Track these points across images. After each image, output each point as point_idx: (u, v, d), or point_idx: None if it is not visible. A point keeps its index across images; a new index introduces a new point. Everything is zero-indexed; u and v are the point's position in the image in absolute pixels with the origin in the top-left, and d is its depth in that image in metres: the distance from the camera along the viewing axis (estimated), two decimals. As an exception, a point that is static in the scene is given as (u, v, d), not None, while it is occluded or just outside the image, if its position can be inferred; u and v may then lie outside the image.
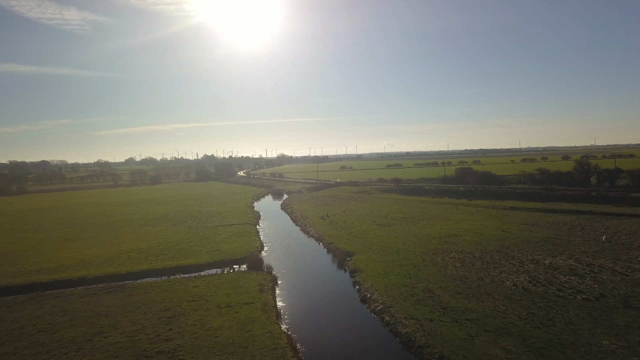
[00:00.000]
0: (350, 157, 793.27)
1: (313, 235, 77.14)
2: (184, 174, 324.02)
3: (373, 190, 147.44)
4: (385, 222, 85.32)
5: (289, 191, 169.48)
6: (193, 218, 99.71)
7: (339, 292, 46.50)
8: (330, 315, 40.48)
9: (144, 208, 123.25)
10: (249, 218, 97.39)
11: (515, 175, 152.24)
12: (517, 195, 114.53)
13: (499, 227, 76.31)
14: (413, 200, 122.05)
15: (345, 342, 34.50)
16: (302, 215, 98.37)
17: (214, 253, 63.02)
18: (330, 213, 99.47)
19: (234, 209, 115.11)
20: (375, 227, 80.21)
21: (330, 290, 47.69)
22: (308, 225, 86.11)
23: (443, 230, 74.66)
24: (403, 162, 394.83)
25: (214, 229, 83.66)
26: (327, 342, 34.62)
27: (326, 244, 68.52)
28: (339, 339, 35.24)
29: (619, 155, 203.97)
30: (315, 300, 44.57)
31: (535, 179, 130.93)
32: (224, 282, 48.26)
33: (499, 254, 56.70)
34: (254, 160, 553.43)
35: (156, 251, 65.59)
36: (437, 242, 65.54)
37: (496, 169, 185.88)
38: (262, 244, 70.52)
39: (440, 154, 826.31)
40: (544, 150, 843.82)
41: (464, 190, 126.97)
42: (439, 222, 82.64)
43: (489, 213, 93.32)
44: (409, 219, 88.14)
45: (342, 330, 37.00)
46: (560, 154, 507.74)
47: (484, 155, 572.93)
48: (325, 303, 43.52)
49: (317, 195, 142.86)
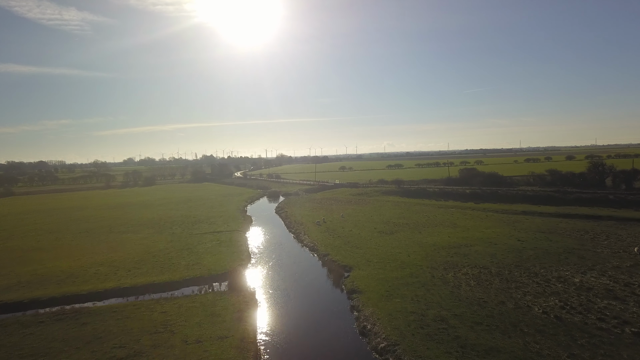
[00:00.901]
0: (350, 157, 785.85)
1: (307, 244, 69.68)
2: (179, 174, 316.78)
3: (373, 193, 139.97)
4: (386, 228, 77.89)
5: (285, 193, 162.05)
6: (179, 224, 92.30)
7: (333, 322, 38.93)
8: (322, 355, 32.98)
9: (130, 212, 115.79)
10: (239, 224, 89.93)
11: (524, 176, 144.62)
12: (527, 198, 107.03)
13: (512, 235, 68.87)
14: (416, 203, 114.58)
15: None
16: (297, 221, 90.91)
17: (194, 267, 55.54)
18: (327, 218, 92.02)
19: (225, 213, 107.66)
20: (376, 234, 72.78)
21: (324, 318, 40.10)
22: (302, 232, 78.65)
23: (452, 239, 67.22)
24: (404, 162, 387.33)
25: (199, 237, 76.22)
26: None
27: (321, 255, 61.04)
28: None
29: (635, 155, 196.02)
30: (305, 332, 37.03)
31: (545, 181, 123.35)
32: (197, 307, 40.81)
33: (519, 270, 49.29)
34: (252, 161, 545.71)
35: (130, 264, 58.14)
36: (446, 253, 58.11)
37: (502, 170, 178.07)
38: (249, 255, 63.05)
39: (441, 154, 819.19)
40: (545, 150, 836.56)
41: (470, 193, 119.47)
42: (446, 230, 75.19)
43: (499, 218, 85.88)
44: (412, 225, 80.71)
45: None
46: (563, 153, 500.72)
47: (485, 155, 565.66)
48: (317, 337, 35.98)
49: (315, 198, 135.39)
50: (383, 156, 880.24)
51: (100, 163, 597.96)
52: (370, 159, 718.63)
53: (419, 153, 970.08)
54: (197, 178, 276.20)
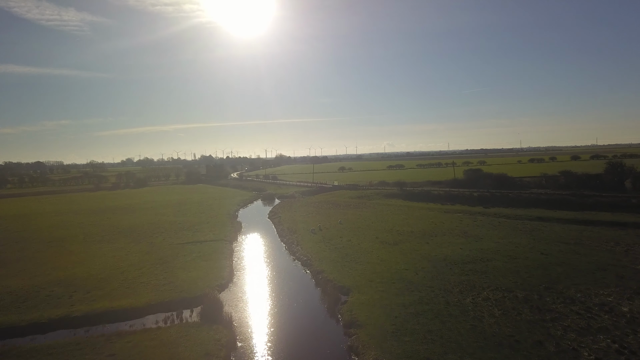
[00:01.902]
0: (350, 158, 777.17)
1: (300, 257, 61.39)
2: (174, 175, 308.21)
3: (374, 195, 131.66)
4: (389, 238, 69.65)
5: (281, 195, 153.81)
6: (161, 231, 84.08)
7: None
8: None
9: (112, 217, 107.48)
10: (226, 232, 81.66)
11: (534, 177, 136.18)
12: (541, 203, 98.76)
13: (533, 247, 60.64)
14: (420, 207, 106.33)
15: None
16: (290, 228, 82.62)
17: (164, 288, 47.23)
18: (324, 225, 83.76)
19: (214, 218, 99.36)
20: (378, 245, 64.53)
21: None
22: (295, 242, 70.37)
23: (464, 251, 58.98)
24: (404, 162, 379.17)
25: (179, 248, 67.98)
26: None
27: (315, 272, 52.74)
28: None
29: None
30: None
31: (558, 183, 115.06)
32: (157, 346, 32.60)
33: (550, 293, 41.10)
34: (250, 161, 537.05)
35: (91, 283, 49.87)
36: (460, 270, 49.90)
37: (508, 170, 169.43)
38: (231, 272, 54.77)
39: (442, 154, 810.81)
40: (547, 150, 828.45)
41: (478, 196, 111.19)
42: (456, 239, 66.94)
43: (514, 226, 77.66)
44: (418, 233, 72.46)
45: None
46: (565, 153, 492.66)
47: (487, 155, 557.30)
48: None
49: (311, 201, 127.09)
50: (383, 156, 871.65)
51: (96, 164, 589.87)
52: (370, 159, 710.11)
53: (419, 153, 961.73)
54: (191, 179, 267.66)
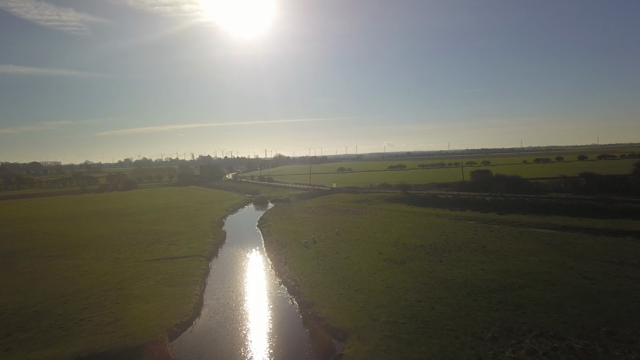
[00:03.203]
0: (350, 158, 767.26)
1: (287, 281, 50.46)
2: (167, 176, 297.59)
3: (375, 199, 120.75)
4: (395, 253, 58.74)
5: (275, 199, 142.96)
6: (132, 243, 73.30)
7: None
8: None
9: (83, 225, 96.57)
10: (206, 245, 70.76)
11: (550, 180, 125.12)
12: (563, 209, 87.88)
13: (570, 266, 49.74)
14: (427, 214, 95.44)
15: None
16: (280, 240, 71.69)
17: (105, 330, 36.27)
18: (319, 236, 72.95)
19: (195, 227, 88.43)
20: (382, 264, 53.63)
21: None
22: (284, 259, 59.42)
23: (487, 273, 48.09)
24: (406, 162, 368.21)
25: (146, 267, 57.13)
26: None
27: (303, 305, 41.77)
28: None
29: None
30: None
31: (579, 186, 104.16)
32: None
33: (616, 341, 30.28)
34: (248, 162, 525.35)
35: (19, 320, 38.98)
36: (487, 302, 39.02)
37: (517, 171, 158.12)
38: (199, 304, 43.83)
39: (443, 154, 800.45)
40: (548, 149, 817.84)
41: (492, 201, 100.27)
42: (475, 256, 56.01)
43: (539, 237, 66.81)
44: (429, 248, 61.54)
45: None
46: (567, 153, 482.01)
47: (489, 155, 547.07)
48: None
49: (307, 206, 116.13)
50: (383, 156, 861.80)
51: (91, 164, 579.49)
52: (371, 159, 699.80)
53: (420, 153, 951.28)
54: (183, 181, 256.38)
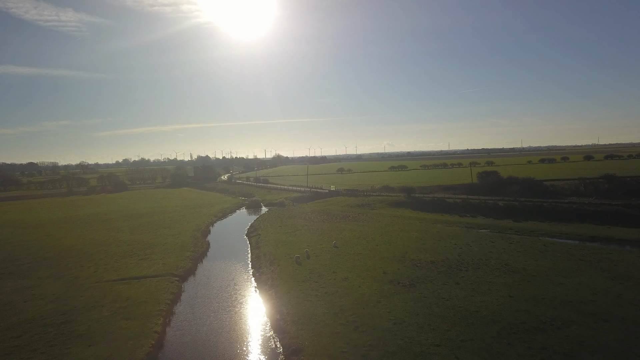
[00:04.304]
0: (350, 158, 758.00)
1: (271, 312, 41.05)
2: (161, 177, 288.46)
3: (377, 204, 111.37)
4: (403, 273, 49.41)
5: (269, 203, 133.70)
6: (100, 257, 64.08)
7: None
8: None
9: (53, 234, 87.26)
10: (182, 260, 61.43)
11: (567, 182, 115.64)
12: (587, 215, 78.72)
13: (619, 294, 40.37)
14: (435, 220, 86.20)
15: None
16: (268, 254, 62.36)
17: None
18: (314, 249, 63.70)
19: (176, 237, 79.12)
20: (388, 288, 44.29)
21: None
22: (270, 281, 50.06)
23: (517, 301, 38.79)
24: (407, 162, 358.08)
25: (106, 290, 47.87)
26: None
27: (289, 350, 32.33)
28: None
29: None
30: None
31: (600, 189, 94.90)
32: None
33: None
34: (245, 162, 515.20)
35: None
36: (527, 349, 29.82)
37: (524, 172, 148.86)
38: (158, 345, 34.50)
39: (443, 154, 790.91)
40: (549, 149, 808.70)
41: (505, 206, 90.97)
42: (497, 277, 46.66)
43: (568, 251, 57.52)
44: (442, 265, 52.23)
45: None
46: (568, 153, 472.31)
47: (490, 155, 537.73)
48: None
49: (302, 211, 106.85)
50: (384, 156, 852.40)
51: (85, 165, 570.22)
52: (371, 159, 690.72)
53: (420, 153, 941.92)
54: (177, 182, 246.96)
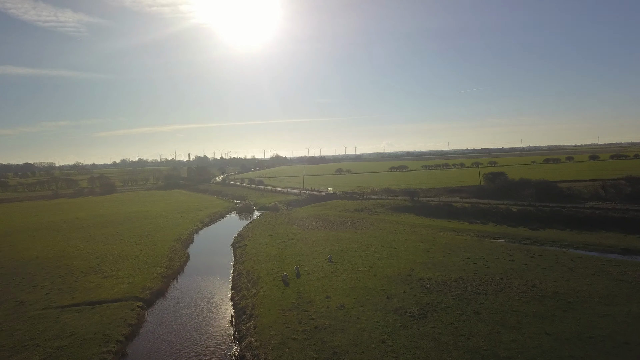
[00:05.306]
0: (349, 158, 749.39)
1: (245, 355, 32.52)
2: (153, 179, 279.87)
3: (377, 208, 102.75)
4: (411, 298, 40.83)
5: (262, 206, 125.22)
6: (60, 274, 55.68)
7: None
8: None
9: (19, 243, 78.76)
10: (152, 278, 52.86)
11: (585, 184, 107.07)
12: (612, 223, 70.32)
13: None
14: (442, 228, 77.72)
15: None
16: (253, 271, 53.75)
17: None
18: (305, 264, 55.20)
19: (152, 248, 70.54)
20: (393, 320, 35.73)
21: None
22: (250, 307, 41.47)
23: (562, 346, 30.29)
24: (407, 163, 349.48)
25: (51, 320, 39.36)
26: None
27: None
28: None
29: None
30: None
31: (623, 193, 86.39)
32: None
33: None
34: (242, 162, 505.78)
35: None
36: None
37: (530, 173, 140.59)
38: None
39: (443, 154, 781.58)
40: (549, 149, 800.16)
41: (519, 212, 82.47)
42: (527, 305, 38.07)
43: (602, 268, 49.05)
44: (456, 287, 43.64)
45: None
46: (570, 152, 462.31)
47: (491, 155, 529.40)
48: None
49: (297, 217, 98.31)
50: (383, 156, 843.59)
51: (81, 165, 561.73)
52: (370, 159, 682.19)
53: (420, 153, 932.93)
54: (169, 184, 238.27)
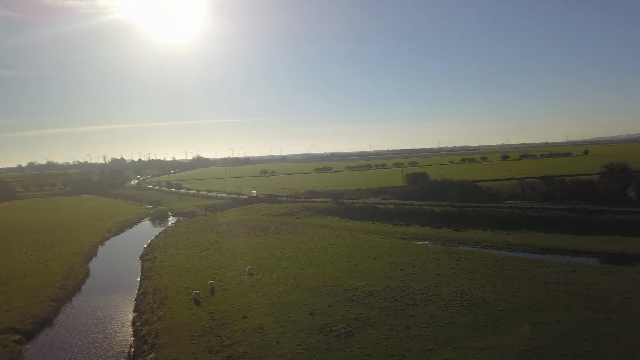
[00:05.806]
0: (275, 159, 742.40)
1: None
2: (61, 183, 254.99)
3: (302, 212, 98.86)
4: (335, 312, 36.90)
5: (178, 212, 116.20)
6: None
7: None
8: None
9: None
10: (39, 302, 43.99)
11: (502, 183, 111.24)
12: (531, 222, 72.28)
13: (616, 337, 31.06)
14: (367, 231, 75.59)
15: None
16: (160, 290, 46.98)
17: None
18: (221, 278, 49.47)
19: (47, 263, 60.36)
20: (317, 342, 31.45)
21: None
22: (152, 335, 35.08)
23: (500, 362, 27.85)
24: (331, 164, 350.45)
25: None
26: None
27: None
28: None
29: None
30: None
31: (539, 192, 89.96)
32: None
33: None
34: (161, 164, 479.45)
35: None
36: None
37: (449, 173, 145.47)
38: None
39: (365, 155, 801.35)
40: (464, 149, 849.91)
41: (442, 213, 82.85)
42: (458, 316, 35.82)
43: (527, 270, 48.93)
44: (384, 298, 40.50)
45: None
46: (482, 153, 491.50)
47: (410, 155, 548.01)
48: None
49: (215, 223, 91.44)
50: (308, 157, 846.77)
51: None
52: (295, 161, 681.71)
53: (343, 154, 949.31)
54: (79, 189, 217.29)
